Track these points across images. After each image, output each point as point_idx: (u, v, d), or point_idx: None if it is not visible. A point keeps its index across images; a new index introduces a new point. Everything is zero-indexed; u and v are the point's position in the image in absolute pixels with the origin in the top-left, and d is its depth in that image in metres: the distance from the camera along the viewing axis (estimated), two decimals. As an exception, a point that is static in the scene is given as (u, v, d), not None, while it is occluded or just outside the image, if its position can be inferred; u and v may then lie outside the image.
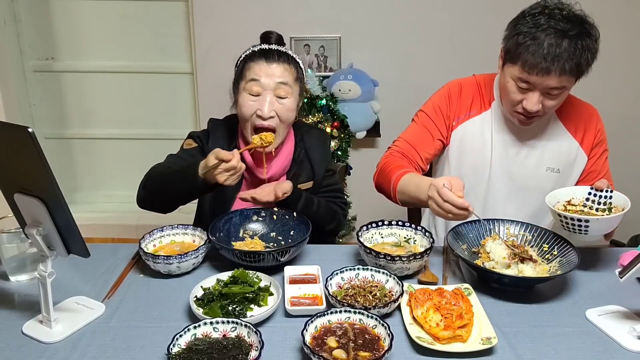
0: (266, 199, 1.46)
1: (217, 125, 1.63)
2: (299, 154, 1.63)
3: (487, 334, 1.10)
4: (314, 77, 2.86)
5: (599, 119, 1.64)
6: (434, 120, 1.65)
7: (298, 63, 1.54)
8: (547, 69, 1.36)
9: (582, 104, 1.65)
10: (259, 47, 1.52)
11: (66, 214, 1.02)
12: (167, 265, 1.30)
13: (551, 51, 1.35)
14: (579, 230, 1.29)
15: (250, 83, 1.47)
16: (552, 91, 1.42)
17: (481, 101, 1.64)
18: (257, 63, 1.48)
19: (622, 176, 3.18)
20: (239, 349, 1.01)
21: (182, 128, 3.07)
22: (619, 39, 2.95)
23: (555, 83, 1.39)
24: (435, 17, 2.94)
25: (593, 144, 1.62)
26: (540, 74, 1.38)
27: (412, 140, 1.64)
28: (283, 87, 1.48)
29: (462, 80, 1.68)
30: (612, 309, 1.22)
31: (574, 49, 1.35)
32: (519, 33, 1.40)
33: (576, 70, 1.38)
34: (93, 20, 3.10)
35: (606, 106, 3.06)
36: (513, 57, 1.42)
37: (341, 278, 1.27)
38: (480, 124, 1.62)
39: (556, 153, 1.60)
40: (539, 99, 1.43)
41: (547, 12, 1.38)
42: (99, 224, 3.20)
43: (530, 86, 1.42)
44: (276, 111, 1.48)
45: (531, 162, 1.61)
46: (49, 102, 3.25)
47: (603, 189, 1.38)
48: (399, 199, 1.57)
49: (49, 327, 1.11)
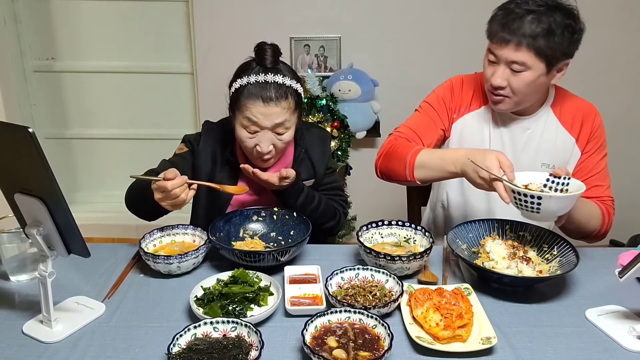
0: (266, 177, 1.44)
1: (210, 129, 1.61)
2: (299, 154, 1.62)
3: (486, 333, 1.10)
4: (314, 77, 2.86)
5: (597, 115, 1.62)
6: (437, 110, 1.65)
7: (295, 90, 1.47)
8: (503, 39, 1.40)
9: (579, 101, 1.64)
10: (254, 78, 1.42)
11: (66, 214, 1.02)
12: (167, 265, 1.30)
13: (513, 23, 1.39)
14: (532, 209, 1.25)
15: (247, 121, 1.43)
16: (514, 66, 1.43)
17: (480, 97, 1.64)
18: (254, 104, 1.41)
19: (622, 176, 3.19)
20: (239, 349, 1.01)
21: (182, 128, 3.06)
22: (619, 40, 2.95)
23: (512, 56, 1.41)
24: (435, 17, 2.94)
25: (588, 139, 1.60)
26: (498, 42, 1.42)
27: (416, 127, 1.63)
28: (282, 125, 1.44)
29: (465, 76, 1.69)
30: (612, 309, 1.22)
31: (536, 26, 1.37)
32: (499, 9, 1.46)
33: (535, 49, 1.39)
34: (93, 20, 3.10)
35: (606, 106, 3.07)
36: (487, 30, 1.47)
37: (341, 278, 1.27)
38: (478, 118, 1.63)
39: (551, 149, 1.60)
40: (503, 73, 1.45)
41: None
42: (99, 224, 3.21)
43: (496, 59, 1.45)
44: (275, 145, 1.47)
45: (527, 157, 1.60)
46: (49, 102, 3.25)
47: (561, 176, 1.35)
48: (416, 175, 1.50)
49: (49, 327, 1.11)
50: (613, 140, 3.37)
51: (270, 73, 1.43)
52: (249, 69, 1.45)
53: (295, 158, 1.62)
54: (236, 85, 1.45)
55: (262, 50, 1.45)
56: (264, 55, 1.45)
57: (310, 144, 1.64)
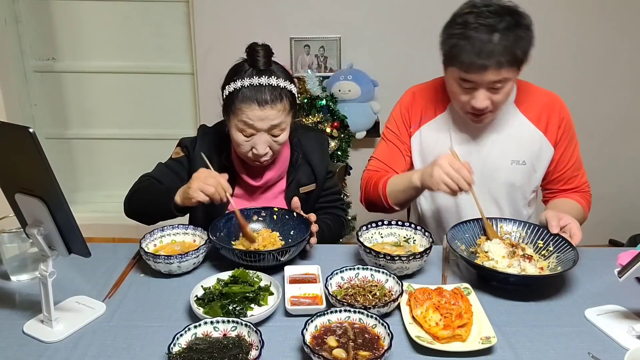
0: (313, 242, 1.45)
1: (205, 134, 1.60)
2: (296, 159, 1.61)
3: (486, 333, 1.10)
4: (314, 77, 2.86)
5: (562, 106, 1.61)
6: (398, 133, 1.68)
7: (290, 91, 1.45)
8: (483, 66, 1.37)
9: (542, 92, 1.63)
10: (248, 81, 1.40)
11: (67, 214, 1.02)
12: (167, 264, 1.30)
13: (484, 48, 1.36)
14: None
15: (242, 124, 1.42)
16: (496, 85, 1.42)
17: (436, 104, 1.64)
18: (249, 107, 1.39)
19: (622, 176, 3.20)
20: (239, 348, 1.01)
21: (182, 128, 3.07)
22: (618, 40, 2.95)
23: (495, 77, 1.40)
24: (435, 17, 2.91)
25: (558, 135, 1.60)
26: (477, 71, 1.39)
27: (384, 158, 1.68)
28: (277, 127, 1.44)
29: (416, 87, 1.70)
30: (611, 309, 1.22)
31: (506, 41, 1.36)
32: (451, 35, 1.42)
33: (513, 61, 1.39)
34: (93, 20, 3.11)
35: (606, 106, 3.10)
36: (450, 60, 1.44)
37: (341, 278, 1.27)
38: (437, 126, 1.63)
39: (519, 145, 1.59)
40: (485, 96, 1.44)
41: (475, 11, 1.39)
42: (100, 224, 3.21)
43: (473, 85, 1.43)
44: (271, 147, 1.46)
45: (495, 157, 1.60)
46: (50, 102, 3.26)
47: None
48: (390, 201, 1.59)
49: (49, 326, 1.12)
50: (613, 141, 3.39)
51: (264, 75, 1.42)
52: (242, 71, 1.43)
53: (292, 163, 1.61)
54: (230, 88, 1.43)
55: (254, 51, 1.44)
56: (256, 56, 1.43)
57: (309, 149, 1.63)
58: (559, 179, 1.66)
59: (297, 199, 1.50)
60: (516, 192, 1.64)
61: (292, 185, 1.61)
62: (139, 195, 1.53)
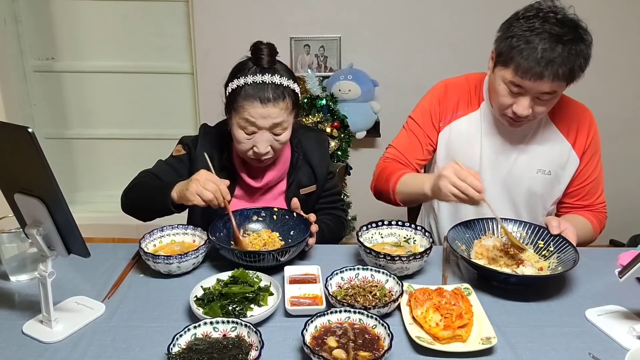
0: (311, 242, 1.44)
1: (207, 133, 1.60)
2: (297, 159, 1.61)
3: (486, 333, 1.10)
4: (314, 77, 2.86)
5: (592, 121, 1.61)
6: (422, 125, 1.65)
7: (293, 90, 1.45)
8: (540, 74, 1.34)
9: (575, 105, 1.62)
10: (251, 79, 1.40)
11: (66, 214, 1.02)
12: (167, 265, 1.30)
13: (545, 56, 1.32)
14: None
15: (244, 122, 1.42)
16: (544, 96, 1.40)
17: (469, 101, 1.62)
18: (251, 104, 1.39)
19: (622, 177, 3.20)
20: (239, 349, 1.01)
21: (182, 128, 3.07)
22: (618, 40, 2.95)
23: (547, 88, 1.37)
24: (435, 17, 2.94)
25: (585, 146, 1.59)
26: (533, 78, 1.35)
27: (402, 147, 1.66)
28: (279, 125, 1.43)
29: (449, 81, 1.67)
30: (612, 309, 1.22)
31: (568, 54, 1.33)
32: (512, 36, 1.38)
33: (569, 76, 1.36)
34: (93, 20, 3.11)
35: (606, 106, 3.09)
36: (506, 60, 1.40)
37: (341, 278, 1.27)
38: (467, 124, 1.61)
39: (548, 155, 1.58)
40: (529, 104, 1.41)
41: (542, 16, 1.36)
42: (99, 224, 3.21)
43: (521, 90, 1.40)
44: (272, 146, 1.46)
45: (522, 165, 1.59)
46: (49, 102, 3.25)
47: None
48: (398, 199, 1.58)
49: (49, 327, 1.11)
50: (613, 141, 3.38)
51: (268, 73, 1.41)
52: (246, 69, 1.43)
53: (293, 163, 1.61)
54: (232, 85, 1.43)
55: (258, 49, 1.44)
56: (260, 55, 1.43)
57: (309, 149, 1.63)
58: (576, 192, 1.63)
59: (296, 200, 1.50)
60: (537, 200, 1.63)
61: (293, 186, 1.61)
62: (136, 190, 1.52)
